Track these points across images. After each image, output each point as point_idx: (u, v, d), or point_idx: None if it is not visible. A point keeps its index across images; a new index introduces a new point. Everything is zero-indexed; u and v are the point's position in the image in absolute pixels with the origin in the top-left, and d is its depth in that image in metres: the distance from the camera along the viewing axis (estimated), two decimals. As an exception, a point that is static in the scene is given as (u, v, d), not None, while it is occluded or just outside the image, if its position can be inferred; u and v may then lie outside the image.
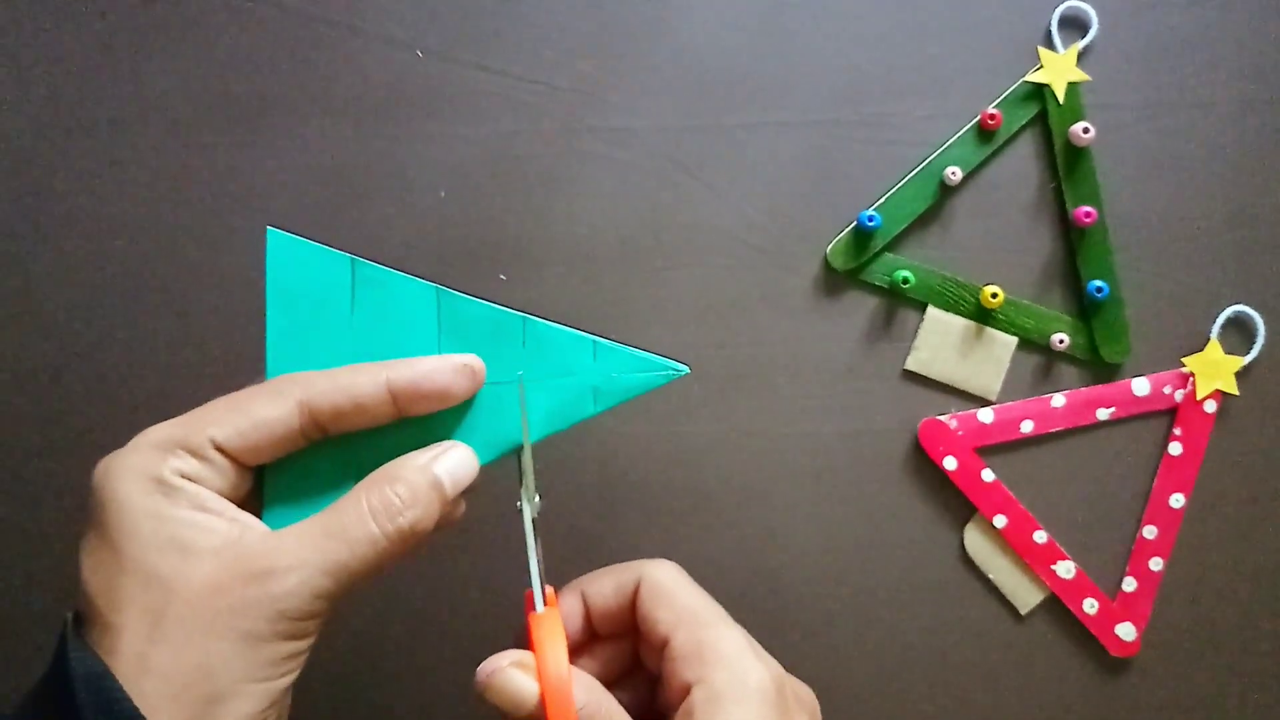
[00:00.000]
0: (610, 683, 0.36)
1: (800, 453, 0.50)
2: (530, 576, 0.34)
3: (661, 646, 0.34)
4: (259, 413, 0.31)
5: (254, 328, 0.36)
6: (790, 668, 0.50)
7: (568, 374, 0.34)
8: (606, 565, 0.49)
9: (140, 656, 0.28)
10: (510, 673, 0.32)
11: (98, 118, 0.49)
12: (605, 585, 0.36)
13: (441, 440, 0.34)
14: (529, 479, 0.35)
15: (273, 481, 0.33)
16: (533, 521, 0.34)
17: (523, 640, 0.34)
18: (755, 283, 0.50)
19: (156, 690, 0.28)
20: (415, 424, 0.33)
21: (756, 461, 0.50)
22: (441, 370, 0.33)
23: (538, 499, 0.35)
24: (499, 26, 0.49)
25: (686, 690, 0.32)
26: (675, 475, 0.50)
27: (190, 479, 0.30)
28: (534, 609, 0.34)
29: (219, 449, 0.30)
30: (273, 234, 0.33)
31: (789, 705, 0.34)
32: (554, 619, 0.33)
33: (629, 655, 0.37)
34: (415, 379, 0.32)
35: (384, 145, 0.49)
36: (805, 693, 0.36)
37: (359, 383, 0.32)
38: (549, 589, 0.35)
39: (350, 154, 0.49)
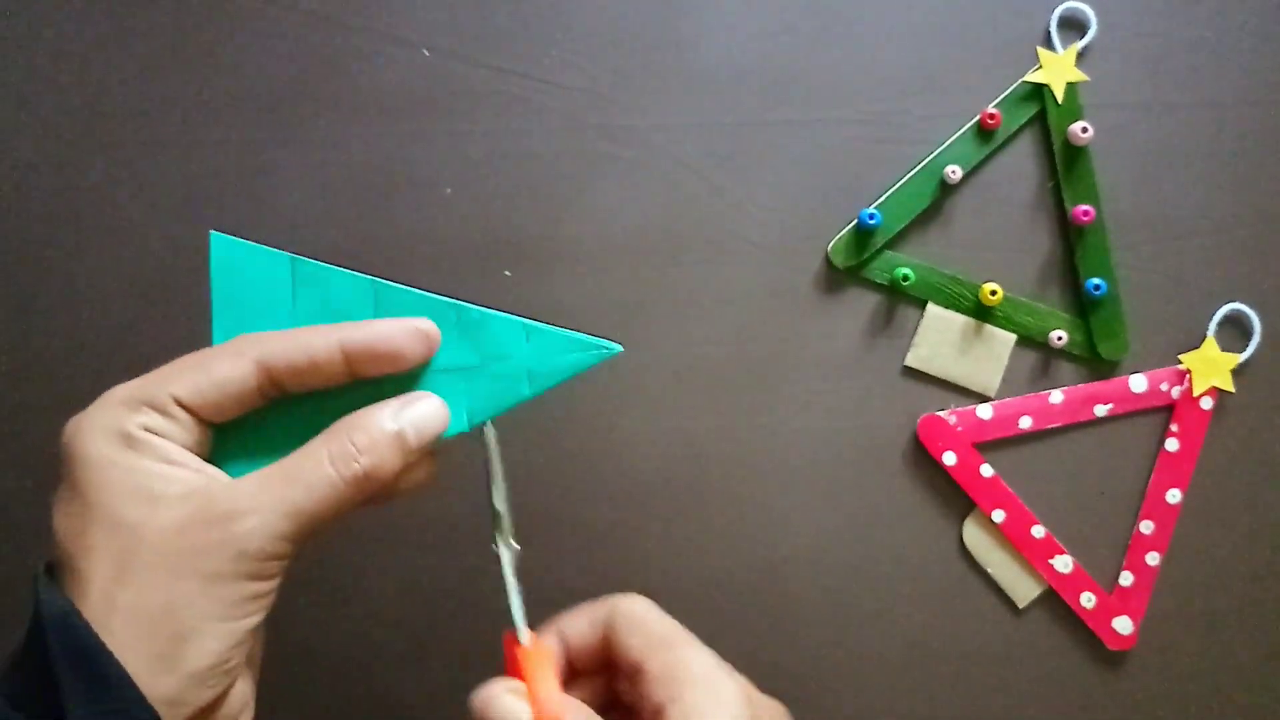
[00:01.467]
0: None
1: (801, 447, 0.50)
2: (513, 617, 0.35)
3: (635, 674, 0.35)
4: (218, 371, 0.32)
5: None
6: (789, 661, 0.50)
7: (501, 358, 0.35)
8: (607, 562, 0.50)
9: (107, 597, 0.29)
10: (506, 699, 0.33)
11: (110, 117, 0.49)
12: (580, 622, 0.37)
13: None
14: (505, 523, 0.36)
15: (232, 438, 0.34)
16: (511, 566, 0.36)
17: (508, 675, 0.36)
18: (757, 279, 0.50)
19: (123, 629, 0.29)
20: (375, 389, 0.34)
21: (758, 456, 0.50)
22: (394, 332, 0.33)
23: (517, 547, 0.36)
24: (507, 26, 0.50)
25: (660, 711, 0.33)
26: (677, 469, 0.50)
27: (155, 433, 0.31)
28: (518, 644, 0.35)
29: (181, 405, 0.31)
30: (216, 237, 0.35)
31: (760, 717, 0.35)
32: (542, 650, 0.35)
33: (606, 691, 0.38)
34: (368, 339, 0.33)
35: (391, 143, 0.50)
36: (777, 708, 0.37)
37: (314, 341, 0.32)
38: (529, 632, 0.36)
39: (358, 152, 0.50)
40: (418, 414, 0.33)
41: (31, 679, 0.29)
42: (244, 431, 0.33)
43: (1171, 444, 0.51)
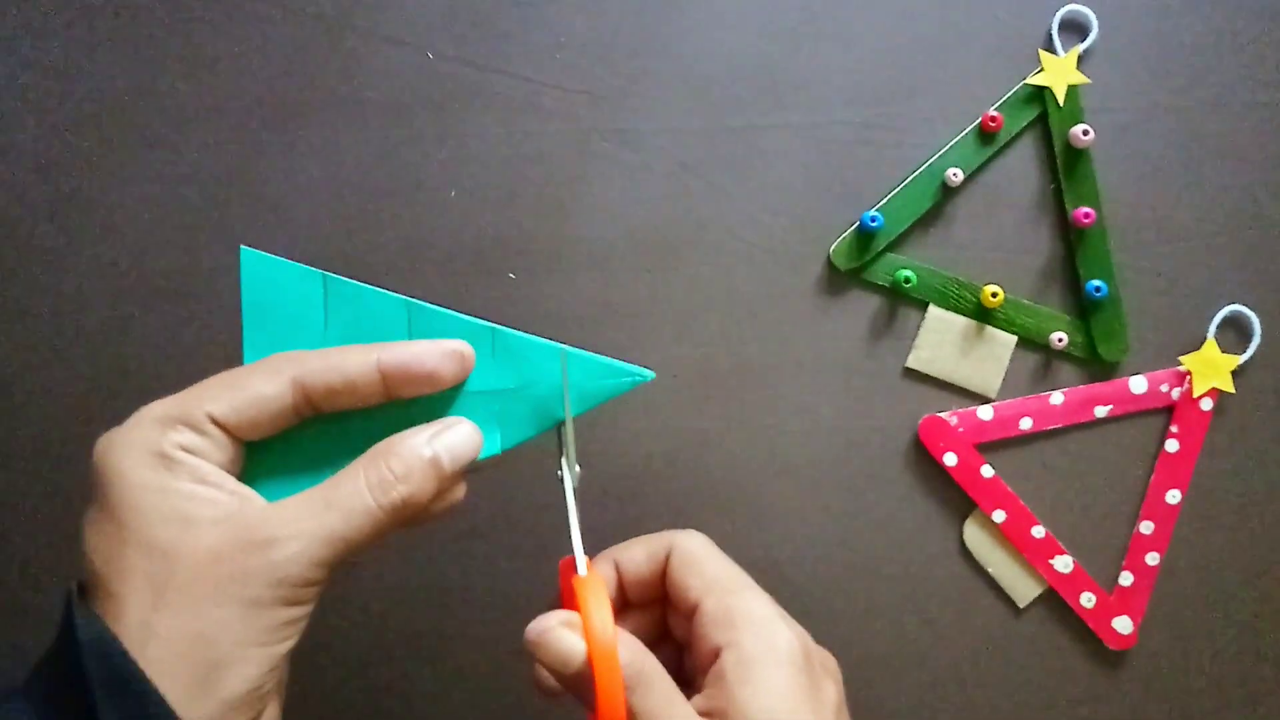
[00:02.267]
0: None
1: (802, 448, 0.51)
2: (571, 542, 0.35)
3: (690, 613, 0.35)
4: (254, 389, 0.32)
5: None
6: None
7: (535, 382, 0.35)
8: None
9: (144, 624, 0.29)
10: (560, 632, 0.32)
11: (111, 121, 0.50)
12: (637, 553, 0.37)
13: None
14: (570, 449, 0.36)
15: (264, 458, 0.34)
16: (574, 490, 0.35)
17: (558, 604, 0.35)
18: (760, 282, 0.50)
19: (160, 656, 0.28)
20: (406, 411, 0.34)
21: (759, 457, 0.51)
22: (430, 353, 0.33)
23: (578, 469, 0.36)
24: (509, 29, 0.50)
25: (715, 654, 0.33)
26: (678, 471, 0.51)
27: (189, 452, 0.31)
28: (575, 573, 0.34)
29: (216, 423, 0.31)
30: (246, 253, 0.34)
31: (815, 669, 0.35)
32: (597, 581, 0.34)
33: (657, 623, 0.38)
34: (404, 360, 0.33)
35: (394, 146, 0.50)
36: (830, 660, 0.37)
37: (350, 361, 0.33)
38: (586, 560, 0.35)
39: (360, 155, 0.50)
40: (453, 440, 0.33)
41: (66, 703, 0.28)
42: (276, 451, 0.33)
43: (1171, 445, 0.51)
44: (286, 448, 0.34)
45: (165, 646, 0.29)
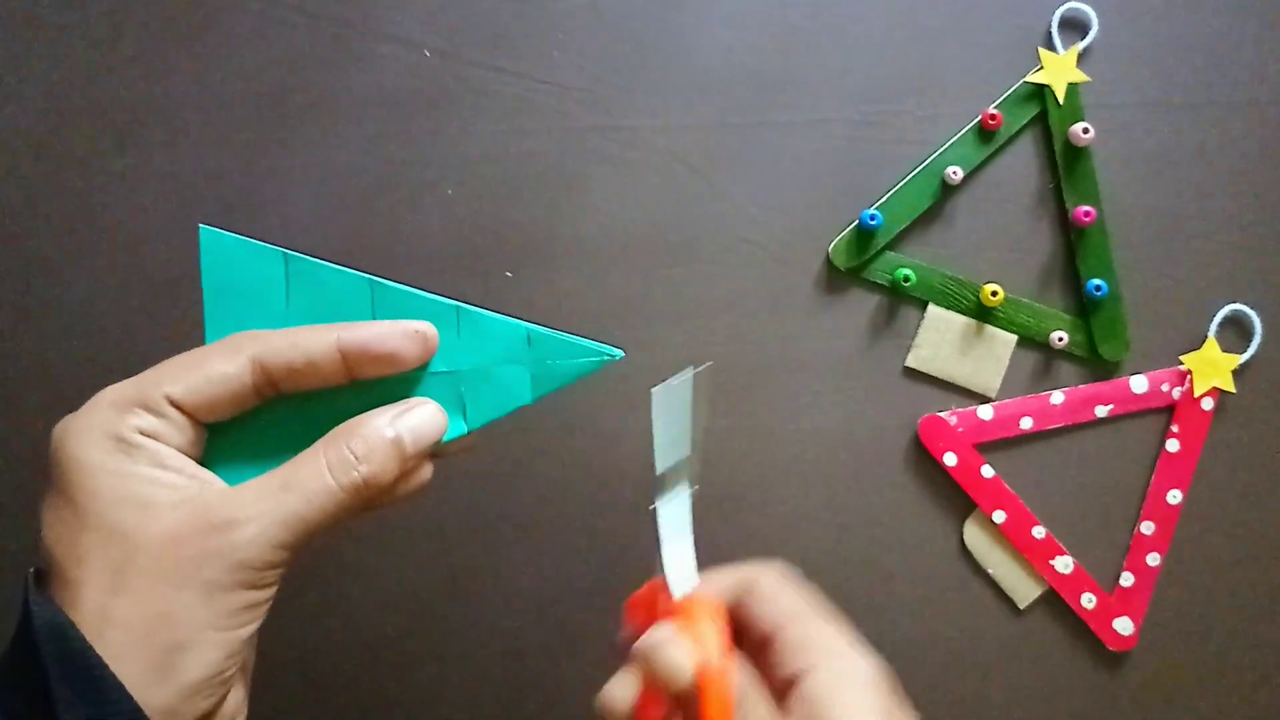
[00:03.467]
0: None
1: (802, 448, 0.51)
2: (673, 560, 0.34)
3: (765, 644, 0.34)
4: (214, 369, 0.31)
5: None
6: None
7: (502, 362, 0.35)
8: (609, 563, 0.50)
9: (102, 608, 0.28)
10: (677, 646, 0.32)
11: (111, 119, 0.49)
12: (709, 586, 0.36)
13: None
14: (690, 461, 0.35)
15: (226, 441, 0.33)
16: (688, 507, 0.35)
17: (639, 619, 0.35)
18: (759, 280, 0.50)
19: (119, 640, 0.28)
20: (371, 392, 0.34)
21: (758, 456, 0.50)
22: (392, 334, 0.33)
23: (695, 486, 0.36)
24: (507, 26, 0.50)
25: (791, 681, 0.33)
26: (679, 470, 0.50)
27: (149, 436, 0.30)
28: (680, 595, 0.34)
29: (175, 405, 0.31)
30: (205, 231, 0.34)
31: (894, 697, 0.34)
32: (713, 604, 0.33)
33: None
34: (365, 340, 0.32)
35: (391, 144, 0.50)
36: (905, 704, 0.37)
37: (311, 341, 0.32)
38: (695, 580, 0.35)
39: (358, 153, 0.50)
40: (415, 420, 0.33)
41: (23, 690, 0.28)
42: (237, 432, 0.33)
43: (1172, 445, 0.51)
44: (248, 430, 0.33)
45: (123, 631, 0.28)
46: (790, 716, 0.33)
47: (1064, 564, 0.51)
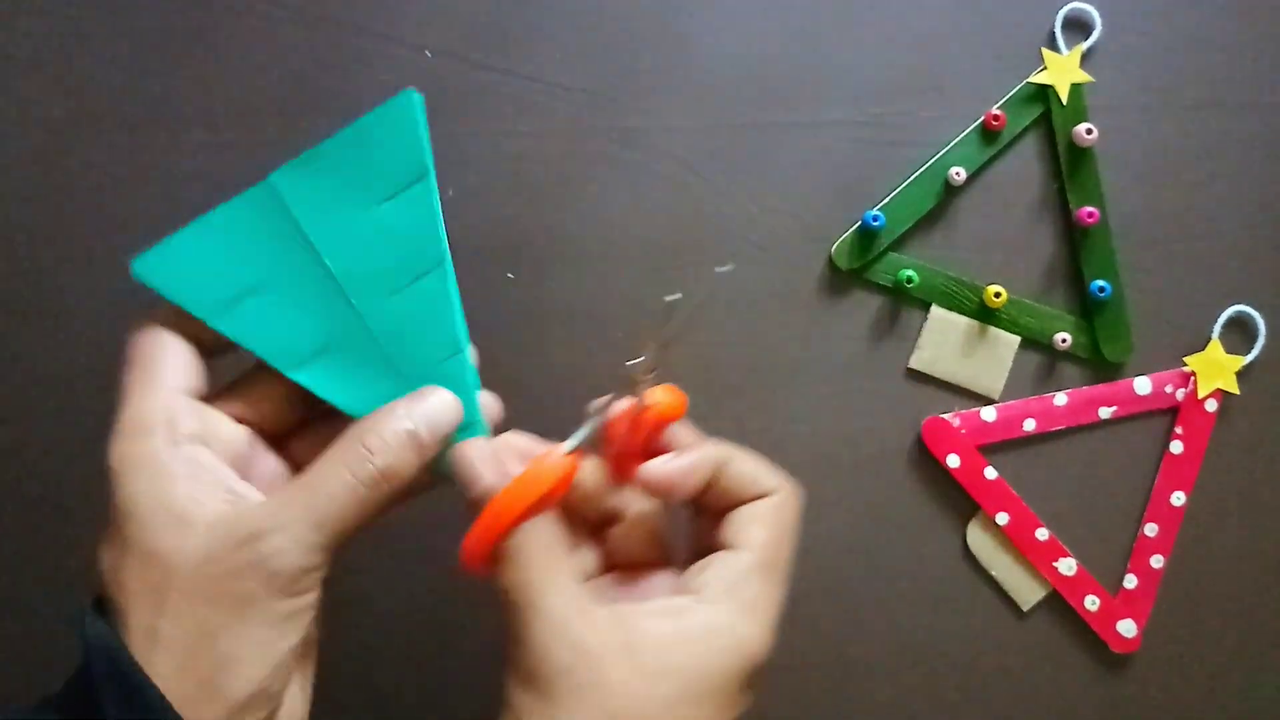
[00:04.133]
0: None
1: (805, 450, 0.50)
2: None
3: (722, 501, 0.36)
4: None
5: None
6: (793, 662, 0.50)
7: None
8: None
9: (150, 631, 0.29)
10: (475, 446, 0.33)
11: (111, 121, 0.49)
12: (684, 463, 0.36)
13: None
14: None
15: None
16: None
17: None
18: (761, 282, 0.50)
19: (164, 661, 0.29)
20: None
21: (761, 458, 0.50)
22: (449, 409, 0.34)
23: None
24: (508, 27, 0.50)
25: (718, 545, 0.34)
26: (681, 472, 0.50)
27: (195, 442, 0.31)
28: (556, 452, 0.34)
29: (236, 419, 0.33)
30: (137, 266, 0.34)
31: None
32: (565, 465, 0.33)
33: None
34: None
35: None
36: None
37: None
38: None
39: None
40: (427, 408, 0.33)
41: (80, 712, 0.29)
42: None
43: (1176, 446, 0.51)
44: None
45: (170, 652, 0.29)
46: (723, 532, 0.34)
47: (1067, 566, 0.50)
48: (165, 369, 0.32)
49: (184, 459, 0.31)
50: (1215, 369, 0.50)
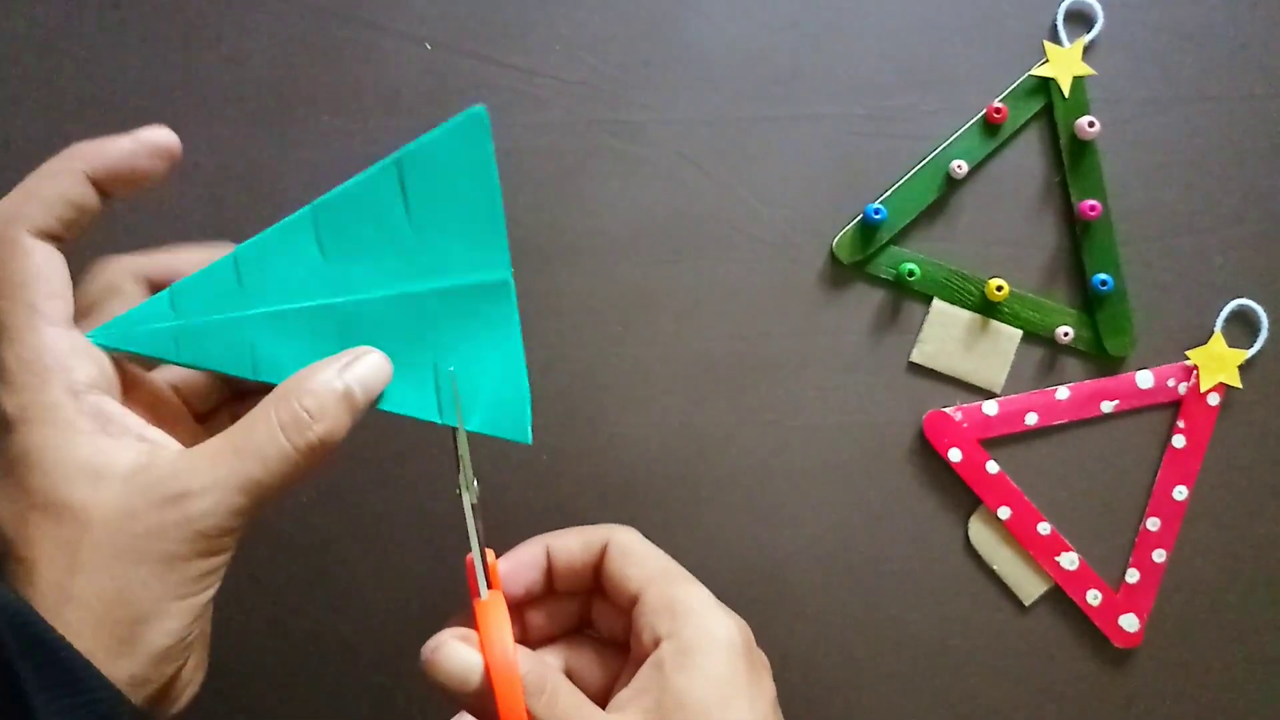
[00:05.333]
0: (558, 637, 0.38)
1: (806, 444, 0.50)
2: (474, 563, 0.34)
3: (628, 605, 0.35)
4: (57, 190, 0.32)
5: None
6: (794, 656, 0.50)
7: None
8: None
9: (59, 587, 0.28)
10: (454, 647, 0.32)
11: (110, 113, 0.49)
12: (571, 542, 0.37)
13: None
14: (466, 465, 0.35)
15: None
16: (473, 507, 0.35)
17: (466, 606, 0.35)
18: (762, 275, 0.50)
19: (79, 618, 0.28)
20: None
21: (761, 453, 0.50)
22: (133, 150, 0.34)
23: (476, 485, 0.35)
24: (508, 20, 0.49)
25: (655, 644, 0.33)
26: (680, 465, 0.50)
27: (92, 388, 0.30)
28: (478, 595, 0.34)
29: (42, 234, 0.31)
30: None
31: (755, 660, 0.35)
32: (498, 602, 0.33)
33: (581, 615, 0.38)
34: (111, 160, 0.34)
35: (393, 138, 0.49)
36: (764, 658, 0.37)
37: (117, 143, 0.33)
38: (493, 563, 0.35)
39: (359, 147, 0.49)
40: (363, 370, 0.32)
41: None
42: None
43: (1178, 440, 0.50)
44: None
45: (83, 609, 0.28)
46: (630, 685, 0.33)
47: (1069, 560, 0.50)
48: (43, 298, 0.30)
49: (89, 411, 0.29)
50: (1217, 363, 0.50)
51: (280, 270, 0.33)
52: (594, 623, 0.38)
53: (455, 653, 0.32)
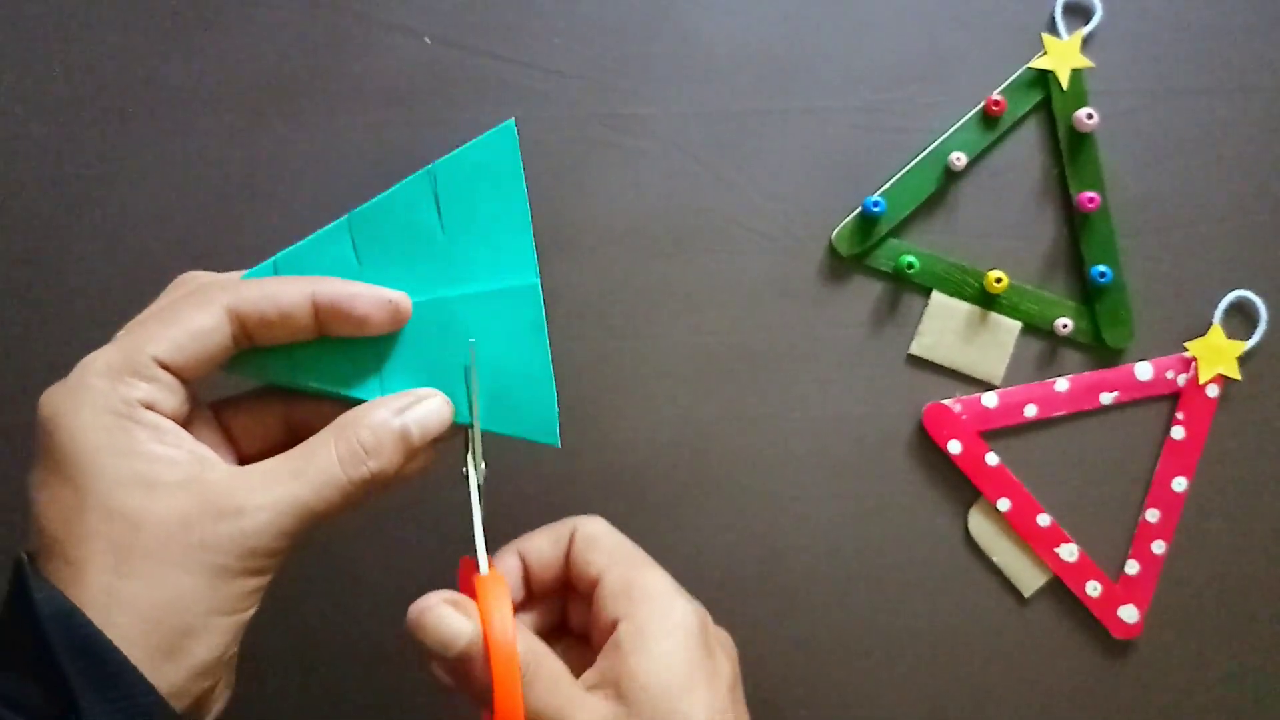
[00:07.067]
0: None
1: (805, 437, 0.50)
2: (475, 541, 0.34)
3: (591, 592, 0.35)
4: (193, 323, 0.31)
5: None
6: (794, 648, 0.50)
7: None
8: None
9: (108, 590, 0.28)
10: (442, 610, 0.32)
11: (109, 107, 0.49)
12: (541, 541, 0.37)
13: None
14: (477, 446, 0.35)
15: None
16: (479, 488, 0.35)
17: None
18: (761, 268, 0.50)
19: (128, 623, 0.28)
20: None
21: (761, 445, 0.50)
22: (364, 297, 0.33)
23: (484, 466, 0.35)
24: (508, 13, 0.49)
25: (613, 626, 0.34)
26: (681, 459, 0.50)
27: (147, 407, 0.30)
28: (476, 571, 0.34)
29: (163, 366, 0.30)
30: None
31: (711, 642, 0.35)
32: (499, 581, 0.33)
33: (559, 616, 0.39)
34: (338, 298, 0.32)
35: (391, 132, 0.50)
36: (727, 639, 0.37)
37: (285, 292, 0.32)
38: (487, 559, 0.35)
39: (357, 141, 0.49)
40: (422, 412, 0.33)
41: (33, 676, 0.27)
42: None
43: (1177, 432, 0.51)
44: None
45: (131, 614, 0.28)
46: (594, 667, 0.34)
47: (1069, 552, 0.50)
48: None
49: (146, 420, 0.30)
50: (1216, 354, 0.50)
51: None
52: (568, 622, 0.39)
53: (444, 615, 0.32)
